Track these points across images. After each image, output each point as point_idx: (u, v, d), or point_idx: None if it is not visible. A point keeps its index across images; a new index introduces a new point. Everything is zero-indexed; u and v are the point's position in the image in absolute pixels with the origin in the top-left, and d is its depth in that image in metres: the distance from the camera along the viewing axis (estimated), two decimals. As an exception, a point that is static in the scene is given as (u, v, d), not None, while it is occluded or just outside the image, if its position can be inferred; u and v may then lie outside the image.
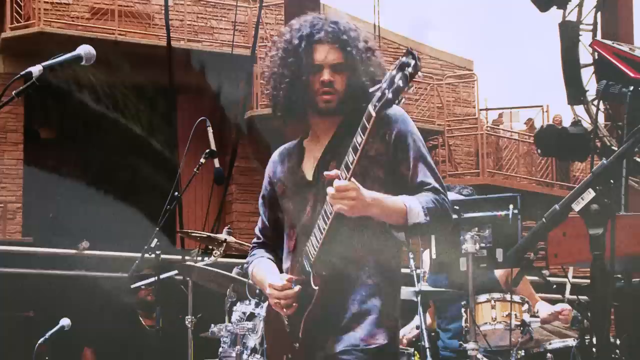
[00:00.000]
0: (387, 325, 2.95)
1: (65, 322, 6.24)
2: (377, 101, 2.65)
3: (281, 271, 3.09)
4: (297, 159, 3.10)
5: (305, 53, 2.95)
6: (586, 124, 10.34)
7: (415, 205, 2.87)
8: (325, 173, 2.79)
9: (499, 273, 5.29)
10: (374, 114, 2.66)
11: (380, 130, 2.90)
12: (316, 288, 2.90)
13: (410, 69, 2.58)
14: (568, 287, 6.91)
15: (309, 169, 3.05)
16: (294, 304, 2.95)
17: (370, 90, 2.73)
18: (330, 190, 2.75)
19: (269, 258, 3.21)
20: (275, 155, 3.21)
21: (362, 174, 2.86)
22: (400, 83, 2.60)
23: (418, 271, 5.08)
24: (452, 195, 5.32)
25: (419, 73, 2.60)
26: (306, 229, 2.98)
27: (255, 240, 3.31)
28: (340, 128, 3.01)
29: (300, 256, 2.99)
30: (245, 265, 3.30)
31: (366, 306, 2.93)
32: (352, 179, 2.74)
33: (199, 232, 6.38)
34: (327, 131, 3.04)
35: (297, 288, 2.93)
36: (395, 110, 2.90)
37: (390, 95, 2.61)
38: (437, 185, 2.96)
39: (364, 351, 2.90)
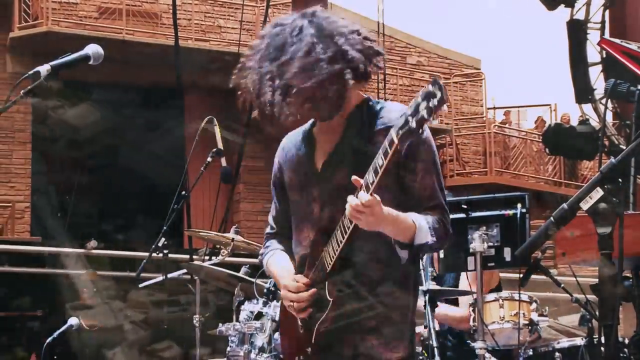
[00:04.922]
0: (405, 338, 2.91)
1: (73, 321, 6.22)
2: (400, 128, 2.58)
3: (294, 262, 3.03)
4: (309, 148, 3.02)
5: None
6: (594, 122, 10.32)
7: (424, 225, 2.82)
8: (354, 178, 2.69)
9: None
10: (396, 141, 2.59)
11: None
12: (331, 300, 2.86)
13: (435, 101, 2.54)
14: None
15: (319, 161, 2.98)
16: (308, 309, 2.91)
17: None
18: (353, 201, 2.68)
19: (282, 250, 3.12)
20: (285, 141, 3.12)
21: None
22: (425, 114, 2.55)
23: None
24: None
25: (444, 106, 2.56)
26: (316, 224, 2.92)
27: (268, 230, 3.22)
28: (350, 121, 2.94)
29: (315, 258, 2.93)
30: (259, 257, 3.23)
31: (383, 318, 2.88)
32: (375, 195, 2.68)
33: (207, 231, 6.39)
34: (338, 122, 2.95)
35: (311, 291, 2.89)
36: None
37: (413, 125, 2.56)
38: (443, 203, 2.91)
39: None
